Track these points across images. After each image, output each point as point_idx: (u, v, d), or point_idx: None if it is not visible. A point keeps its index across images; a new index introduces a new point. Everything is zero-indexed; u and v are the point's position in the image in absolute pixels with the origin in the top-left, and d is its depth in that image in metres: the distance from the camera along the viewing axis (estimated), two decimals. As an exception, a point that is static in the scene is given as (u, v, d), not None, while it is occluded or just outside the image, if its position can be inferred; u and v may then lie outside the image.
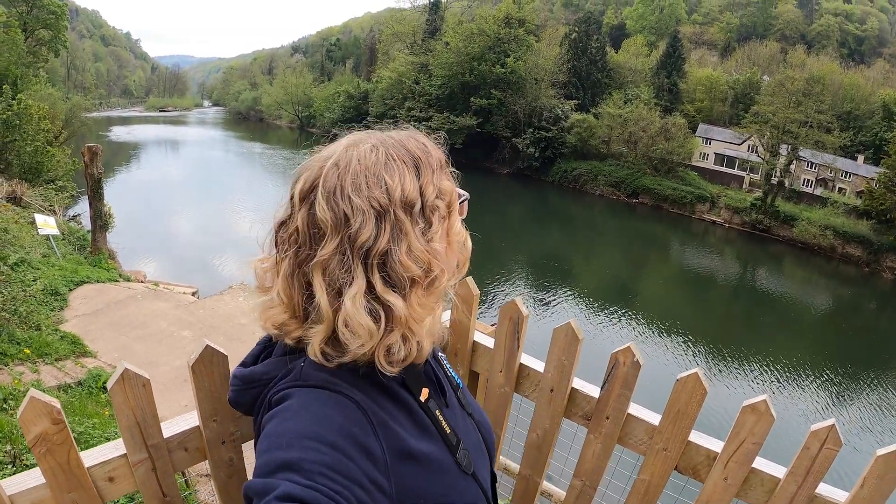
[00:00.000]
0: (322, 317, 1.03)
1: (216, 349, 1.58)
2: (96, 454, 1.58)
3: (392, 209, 1.04)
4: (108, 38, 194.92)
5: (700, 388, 1.82)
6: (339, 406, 1.02)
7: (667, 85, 61.02)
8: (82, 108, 47.87)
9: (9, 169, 24.54)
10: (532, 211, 49.11)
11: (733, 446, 1.80)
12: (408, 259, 1.03)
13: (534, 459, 2.29)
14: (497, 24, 60.93)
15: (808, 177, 48.80)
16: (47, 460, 1.43)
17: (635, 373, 1.94)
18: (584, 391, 2.10)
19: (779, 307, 30.64)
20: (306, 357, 1.07)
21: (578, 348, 2.04)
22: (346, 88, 79.56)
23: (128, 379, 1.51)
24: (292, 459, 0.92)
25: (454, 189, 1.17)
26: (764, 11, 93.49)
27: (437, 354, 1.37)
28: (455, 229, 1.15)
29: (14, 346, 9.75)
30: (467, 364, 2.39)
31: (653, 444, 1.97)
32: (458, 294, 2.29)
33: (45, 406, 1.38)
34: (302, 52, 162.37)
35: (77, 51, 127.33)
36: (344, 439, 0.97)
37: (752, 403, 1.75)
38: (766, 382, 20.36)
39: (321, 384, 1.05)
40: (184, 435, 1.69)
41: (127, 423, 1.54)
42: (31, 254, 15.22)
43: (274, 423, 1.00)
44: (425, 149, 1.14)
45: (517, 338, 2.18)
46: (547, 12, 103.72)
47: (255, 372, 1.15)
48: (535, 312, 24.39)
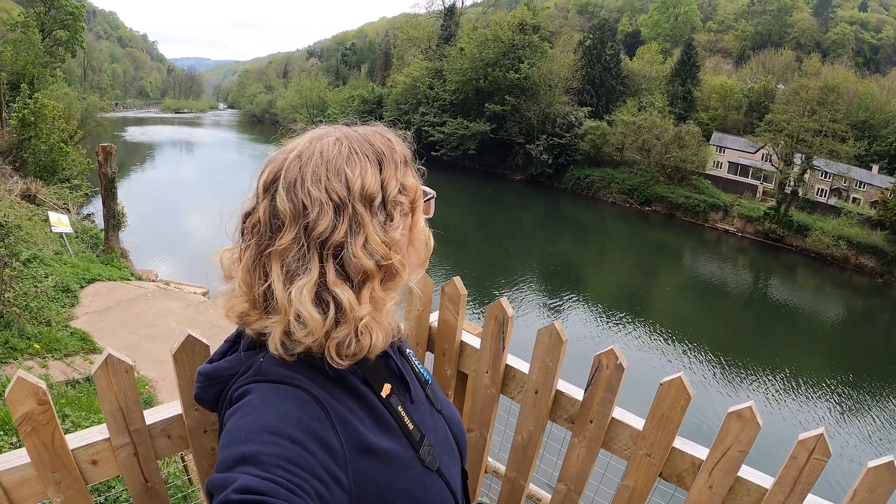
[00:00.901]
0: (278, 307, 1.04)
1: (198, 339, 1.63)
2: (81, 437, 1.64)
3: (351, 202, 1.06)
4: (125, 39, 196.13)
5: (684, 392, 1.80)
6: (298, 400, 1.03)
7: (681, 93, 60.76)
8: (98, 108, 48.06)
9: (24, 167, 24.71)
10: (544, 217, 49.02)
11: (718, 454, 1.78)
12: (363, 252, 1.05)
13: (519, 462, 2.29)
14: (511, 31, 60.79)
15: (822, 186, 48.45)
16: (32, 439, 1.48)
17: (619, 376, 1.93)
18: (569, 394, 2.10)
19: (790, 317, 30.41)
20: (266, 352, 1.08)
21: (563, 349, 2.04)
22: (360, 93, 79.49)
23: (111, 364, 1.55)
24: (250, 453, 0.93)
25: (418, 186, 1.18)
26: (779, 19, 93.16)
27: (405, 350, 1.39)
28: (418, 227, 1.17)
29: (24, 341, 9.85)
30: (455, 364, 2.40)
31: (637, 449, 1.96)
32: (445, 293, 2.31)
33: (31, 387, 1.44)
34: (317, 55, 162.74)
35: (94, 51, 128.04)
36: (302, 433, 0.97)
37: (737, 410, 1.72)
38: (774, 393, 20.18)
39: (280, 379, 1.06)
40: (167, 422, 1.73)
41: (110, 408, 1.59)
42: (43, 251, 15.33)
43: (234, 418, 1.01)
44: (390, 144, 1.16)
45: (502, 338, 2.18)
46: (561, 19, 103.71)
47: (218, 368, 1.17)
48: (544, 318, 24.33)
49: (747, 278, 38.18)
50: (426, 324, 2.43)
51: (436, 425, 1.31)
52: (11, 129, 25.96)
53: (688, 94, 61.25)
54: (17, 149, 24.94)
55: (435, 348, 2.44)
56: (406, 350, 1.40)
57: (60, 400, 7.96)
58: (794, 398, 20.06)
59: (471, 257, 32.53)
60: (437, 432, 1.29)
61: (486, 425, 2.33)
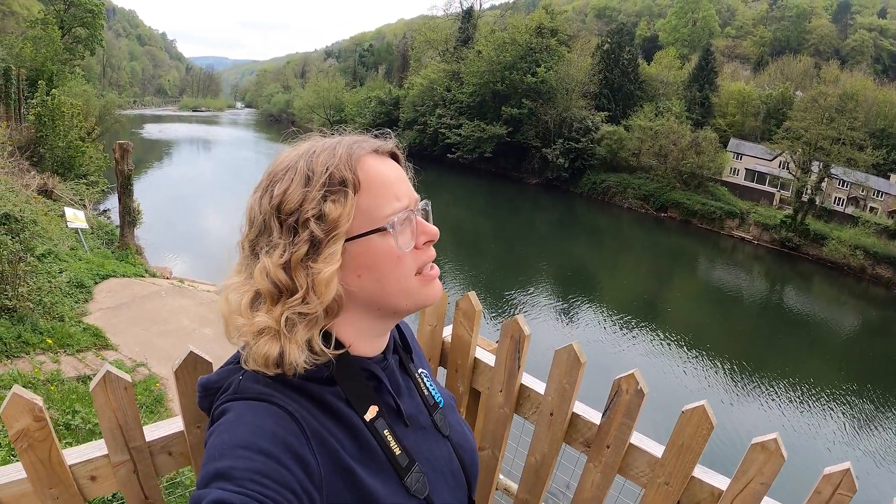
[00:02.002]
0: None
1: (200, 356, 1.58)
2: (79, 452, 1.60)
3: (268, 217, 1.09)
4: (144, 37, 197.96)
5: (706, 422, 1.73)
6: (273, 416, 1.02)
7: (698, 98, 60.58)
8: (116, 106, 48.61)
9: (41, 162, 24.92)
10: (559, 222, 48.92)
11: (739, 485, 1.70)
12: (260, 271, 1.07)
13: (532, 484, 2.22)
14: (529, 34, 60.87)
15: (839, 195, 48.10)
16: (28, 455, 1.45)
17: (639, 401, 1.86)
18: (586, 417, 2.03)
19: (805, 327, 30.21)
20: (245, 370, 1.09)
21: (581, 372, 1.97)
22: (377, 94, 79.74)
23: (109, 381, 1.51)
24: (223, 468, 0.93)
25: (343, 219, 1.07)
26: (797, 25, 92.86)
27: (414, 371, 1.36)
28: (319, 263, 1.07)
29: (37, 336, 9.91)
30: (468, 381, 2.35)
31: (654, 476, 1.88)
32: (459, 308, 2.26)
33: (27, 403, 1.40)
34: (335, 56, 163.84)
35: (113, 49, 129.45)
36: (276, 447, 0.97)
37: (761, 441, 1.64)
38: (786, 404, 20.00)
39: (257, 396, 1.05)
40: (167, 439, 1.70)
41: (108, 425, 1.56)
42: (58, 246, 15.40)
43: (212, 438, 1.01)
44: (333, 164, 1.10)
45: (518, 357, 2.12)
46: (579, 23, 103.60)
47: (210, 380, 1.17)
48: (556, 325, 24.29)
49: (762, 287, 37.93)
50: (439, 339, 2.37)
51: (436, 452, 1.27)
52: (29, 124, 26.20)
53: (705, 99, 61.05)
54: (35, 144, 25.15)
55: (448, 364, 2.39)
56: (418, 370, 1.37)
57: (71, 396, 7.99)
58: (807, 410, 19.88)
59: (484, 261, 32.54)
60: (436, 460, 1.25)
61: (499, 444, 2.27)
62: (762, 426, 17.41)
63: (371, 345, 1.21)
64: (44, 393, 7.96)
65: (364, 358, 1.19)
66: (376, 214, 1.10)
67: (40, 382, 8.46)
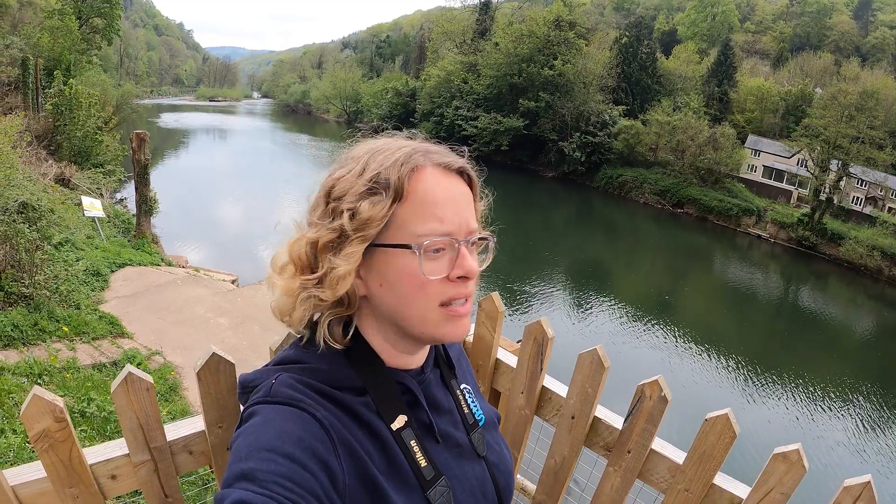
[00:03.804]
0: None
1: (223, 356, 1.58)
2: (99, 452, 1.60)
3: (318, 198, 1.14)
4: (161, 27, 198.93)
5: (729, 430, 1.71)
6: (301, 421, 1.02)
7: (717, 94, 60.29)
8: (133, 95, 48.95)
9: (59, 151, 25.15)
10: (575, 216, 48.83)
11: (759, 495, 1.68)
12: (292, 242, 1.12)
13: (550, 486, 2.21)
14: (547, 26, 60.59)
15: (857, 194, 47.68)
16: (49, 456, 1.45)
17: (662, 408, 1.84)
18: (608, 421, 2.01)
19: (820, 328, 30.01)
20: (280, 374, 1.10)
21: (604, 376, 1.95)
22: (394, 85, 79.89)
23: (131, 382, 1.51)
24: (248, 470, 0.93)
25: (374, 221, 1.05)
26: (818, 22, 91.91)
27: (460, 386, 1.35)
28: (338, 259, 1.06)
29: (53, 324, 10.02)
30: (489, 382, 2.33)
31: (674, 483, 1.86)
32: (483, 309, 2.24)
33: (48, 404, 1.40)
34: (352, 47, 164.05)
35: (130, 39, 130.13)
36: (302, 451, 0.97)
37: (783, 451, 1.61)
38: (801, 408, 19.81)
39: (287, 401, 1.05)
40: (188, 439, 1.70)
41: (129, 425, 1.55)
42: (75, 234, 15.55)
43: (239, 439, 1.00)
44: (384, 167, 1.07)
45: (540, 360, 2.10)
46: (597, 16, 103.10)
47: (248, 379, 1.17)
48: (569, 321, 24.25)
49: (778, 286, 37.69)
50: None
51: (468, 471, 1.24)
52: (47, 114, 26.40)
53: (724, 95, 60.72)
54: (53, 133, 25.35)
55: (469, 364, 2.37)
56: (461, 386, 1.36)
57: (87, 383, 8.05)
58: (822, 415, 19.71)
59: (500, 254, 32.09)
60: (467, 479, 1.23)
61: (518, 446, 2.26)
62: (777, 430, 17.34)
63: (404, 359, 1.19)
64: (60, 380, 8.02)
65: (399, 370, 1.17)
66: (409, 230, 1.06)
67: (56, 370, 8.54)
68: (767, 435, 15.68)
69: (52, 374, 8.31)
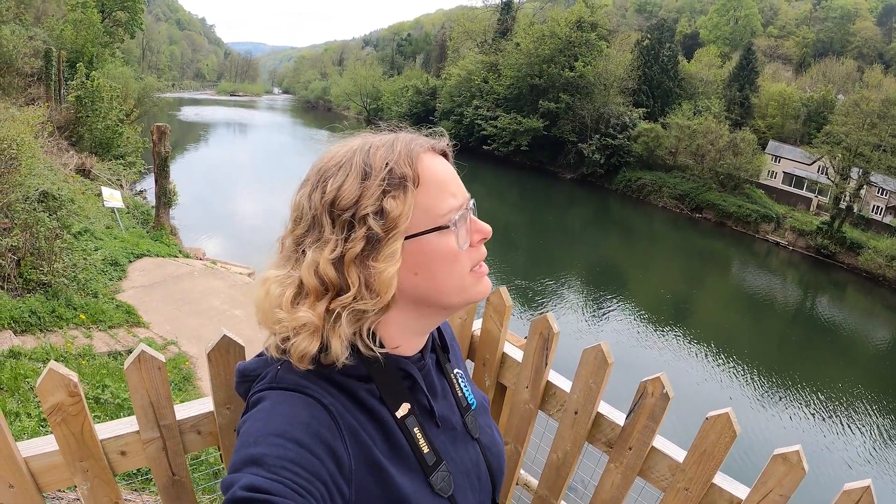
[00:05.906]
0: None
1: (233, 339, 1.61)
2: (110, 428, 1.65)
3: (319, 213, 1.08)
4: (183, 22, 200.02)
5: (730, 429, 1.72)
6: (309, 408, 1.03)
7: (738, 98, 59.81)
8: (155, 89, 49.23)
9: (80, 142, 25.39)
10: (592, 217, 48.74)
11: (758, 496, 1.68)
12: (308, 267, 1.06)
13: (552, 481, 2.22)
14: (569, 27, 60.27)
15: (878, 203, 47.10)
16: (61, 429, 1.50)
17: (664, 405, 1.85)
18: (610, 417, 2.02)
19: (835, 338, 29.71)
20: (284, 360, 1.10)
21: (607, 373, 1.96)
22: (414, 83, 79.85)
23: (144, 361, 1.55)
24: (257, 454, 0.95)
25: (404, 215, 1.07)
26: (841, 27, 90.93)
27: (450, 370, 1.36)
28: (380, 261, 1.06)
29: (70, 311, 10.14)
30: (495, 375, 2.34)
31: (674, 481, 1.87)
32: (490, 303, 2.26)
33: (62, 378, 1.44)
34: (373, 45, 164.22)
35: (153, 33, 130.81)
36: (310, 437, 0.99)
37: (783, 453, 1.62)
38: (809, 414, 19.67)
39: (293, 387, 1.06)
40: (197, 419, 1.74)
41: (141, 403, 1.60)
42: (94, 224, 15.72)
43: (247, 424, 1.02)
44: (391, 159, 1.10)
45: (546, 355, 2.11)
46: (619, 17, 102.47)
47: (248, 367, 1.18)
48: (582, 321, 24.21)
49: (795, 294, 37.40)
50: (468, 332, 2.38)
51: (464, 454, 1.28)
52: (69, 105, 26.65)
53: (745, 100, 60.28)
54: (74, 125, 25.59)
55: (476, 357, 2.39)
56: (454, 370, 1.38)
57: (102, 371, 8.12)
58: (830, 422, 19.54)
59: (515, 254, 32.46)
60: (462, 461, 1.26)
61: (522, 439, 2.27)
62: (783, 435, 17.28)
63: (410, 343, 1.21)
64: (75, 367, 8.10)
65: (401, 357, 1.19)
66: (434, 212, 1.10)
67: (72, 357, 8.63)
68: (774, 440, 15.59)
69: (67, 361, 8.39)
